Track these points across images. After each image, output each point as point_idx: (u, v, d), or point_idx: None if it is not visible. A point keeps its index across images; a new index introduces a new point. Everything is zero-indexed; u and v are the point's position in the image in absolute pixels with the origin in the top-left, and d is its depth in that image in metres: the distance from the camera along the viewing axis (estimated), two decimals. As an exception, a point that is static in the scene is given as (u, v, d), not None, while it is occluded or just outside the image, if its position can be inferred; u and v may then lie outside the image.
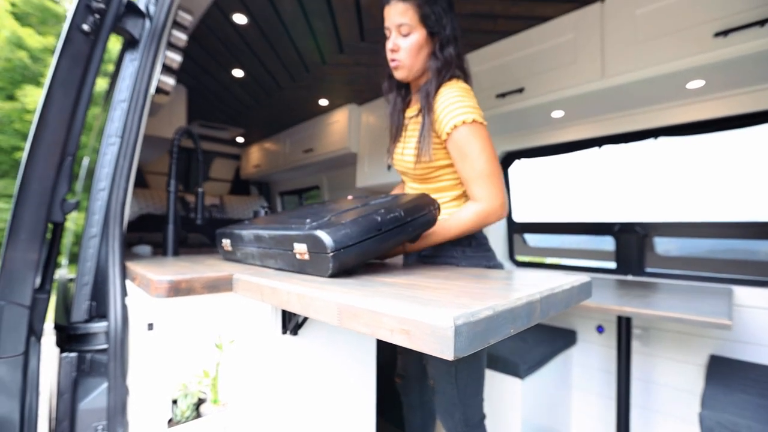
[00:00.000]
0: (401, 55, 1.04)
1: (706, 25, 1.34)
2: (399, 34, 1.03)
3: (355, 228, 0.68)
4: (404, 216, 0.76)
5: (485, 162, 0.95)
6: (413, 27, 1.01)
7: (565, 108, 1.86)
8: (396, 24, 1.02)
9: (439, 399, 1.09)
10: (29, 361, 0.78)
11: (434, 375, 1.08)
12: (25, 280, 0.77)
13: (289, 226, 0.76)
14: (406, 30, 1.02)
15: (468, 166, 0.96)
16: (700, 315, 1.15)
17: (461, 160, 0.97)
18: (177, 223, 1.26)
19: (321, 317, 0.52)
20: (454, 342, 0.36)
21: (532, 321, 0.50)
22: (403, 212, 0.77)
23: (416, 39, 1.02)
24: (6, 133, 9.80)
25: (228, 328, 0.91)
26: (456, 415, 1.07)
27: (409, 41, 1.02)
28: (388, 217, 0.73)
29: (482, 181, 0.95)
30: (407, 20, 1.01)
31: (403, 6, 1.00)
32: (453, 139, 0.96)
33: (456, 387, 1.05)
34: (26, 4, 10.60)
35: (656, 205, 2.04)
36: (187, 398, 0.85)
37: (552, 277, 0.69)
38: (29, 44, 10.03)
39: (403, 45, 1.03)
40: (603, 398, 1.98)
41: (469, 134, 0.95)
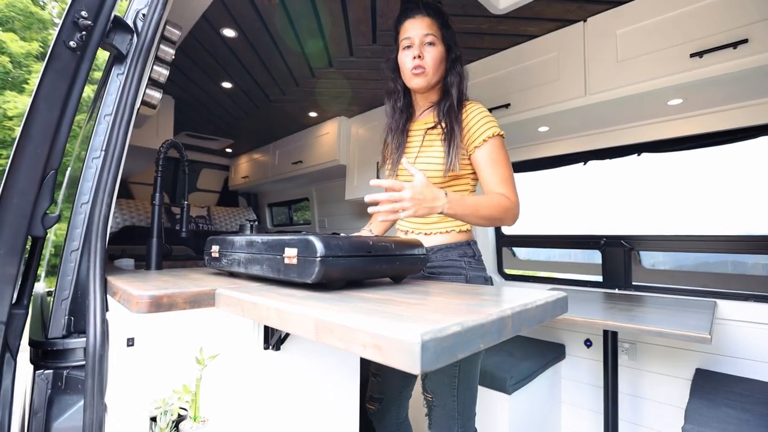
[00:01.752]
0: (427, 61, 1.11)
1: (683, 45, 1.39)
2: (424, 44, 1.11)
3: (346, 243, 0.71)
4: (394, 249, 0.80)
5: (510, 170, 1.10)
6: (437, 40, 1.12)
7: (550, 124, 1.91)
8: (422, 34, 1.11)
9: (439, 413, 1.09)
10: (3, 378, 0.77)
11: (434, 388, 1.09)
12: (2, 294, 0.76)
13: (283, 234, 0.78)
14: (432, 40, 1.11)
15: (498, 172, 1.08)
16: (682, 329, 1.17)
17: (491, 167, 1.08)
18: (161, 236, 1.25)
19: (299, 332, 0.52)
20: (421, 357, 0.37)
21: (503, 336, 0.50)
22: (393, 245, 0.80)
23: (440, 51, 1.13)
24: (-15, 140, 9.66)
25: (209, 344, 0.90)
26: (455, 428, 1.08)
27: (435, 50, 1.12)
28: (379, 245, 0.76)
29: (510, 185, 1.07)
30: (433, 33, 1.11)
31: (429, 20, 1.12)
32: (484, 149, 1.08)
33: (456, 399, 1.07)
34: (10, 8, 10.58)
35: (642, 219, 2.07)
36: (166, 415, 0.83)
37: (529, 292, 0.70)
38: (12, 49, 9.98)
39: (429, 54, 1.11)
40: (592, 413, 1.98)
41: (500, 146, 1.09)
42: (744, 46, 1.26)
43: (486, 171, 1.08)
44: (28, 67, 10.29)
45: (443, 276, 1.13)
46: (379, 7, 1.60)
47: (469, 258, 1.14)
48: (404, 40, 1.13)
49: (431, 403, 1.10)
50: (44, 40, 11.20)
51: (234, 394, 0.87)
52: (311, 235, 0.69)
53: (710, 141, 1.72)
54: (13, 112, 9.32)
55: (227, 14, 1.64)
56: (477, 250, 1.18)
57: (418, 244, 0.88)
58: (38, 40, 10.93)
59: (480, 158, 1.09)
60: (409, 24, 1.13)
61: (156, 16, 1.01)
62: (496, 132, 1.09)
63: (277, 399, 0.88)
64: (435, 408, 1.09)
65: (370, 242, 0.76)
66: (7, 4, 10.55)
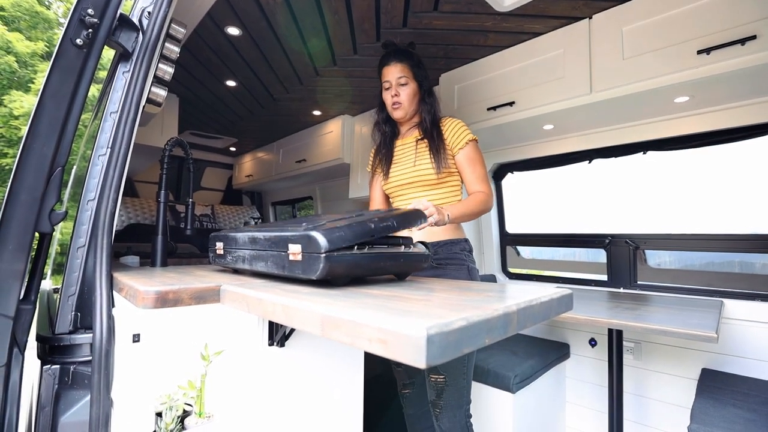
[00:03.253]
0: (402, 98, 1.42)
1: (690, 42, 1.37)
2: (398, 85, 1.42)
3: (348, 232, 0.70)
4: (396, 226, 0.78)
5: (484, 168, 1.40)
6: (409, 79, 1.42)
7: (555, 122, 1.90)
8: (396, 77, 1.41)
9: (451, 393, 1.21)
10: (11, 373, 0.78)
11: (447, 369, 1.21)
12: (10, 290, 0.77)
13: (285, 228, 0.77)
14: (404, 81, 1.42)
15: (476, 170, 1.37)
16: (688, 328, 1.16)
17: (470, 165, 1.37)
18: (166, 233, 1.25)
19: (305, 328, 0.52)
20: (426, 350, 0.37)
21: (508, 332, 0.50)
22: (395, 222, 0.78)
23: (412, 88, 1.43)
24: (-9, 140, 9.75)
25: (214, 340, 0.91)
26: (464, 406, 1.24)
27: (408, 89, 1.43)
28: (381, 225, 0.75)
29: (485, 180, 1.37)
30: (405, 75, 1.41)
31: (401, 65, 1.41)
32: (465, 151, 1.38)
33: (465, 378, 1.24)
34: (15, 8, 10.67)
35: (647, 218, 2.06)
36: (171, 411, 0.84)
37: (534, 289, 0.70)
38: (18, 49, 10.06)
39: (403, 92, 1.42)
40: (596, 412, 1.97)
41: (476, 148, 1.40)
42: (752, 42, 1.25)
43: (467, 170, 1.38)
44: (33, 66, 10.37)
45: (449, 266, 1.33)
46: (383, 5, 1.60)
47: (467, 252, 1.38)
48: (384, 83, 1.45)
49: (443, 383, 1.21)
50: (50, 40, 11.28)
51: (239, 390, 0.87)
52: (313, 231, 0.68)
53: (717, 139, 1.70)
54: (19, 111, 9.40)
55: (232, 12, 1.65)
56: (471, 246, 1.43)
57: (418, 214, 0.89)
58: (44, 40, 11.01)
59: (461, 159, 1.38)
60: (386, 70, 1.43)
61: (161, 14, 1.02)
62: (471, 137, 1.38)
63: (282, 395, 0.88)
64: (447, 388, 1.20)
65: (371, 225, 0.74)
66: (12, 4, 10.63)
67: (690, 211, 1.96)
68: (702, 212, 1.92)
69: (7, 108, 9.52)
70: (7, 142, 9.79)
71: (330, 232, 0.68)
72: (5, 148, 9.77)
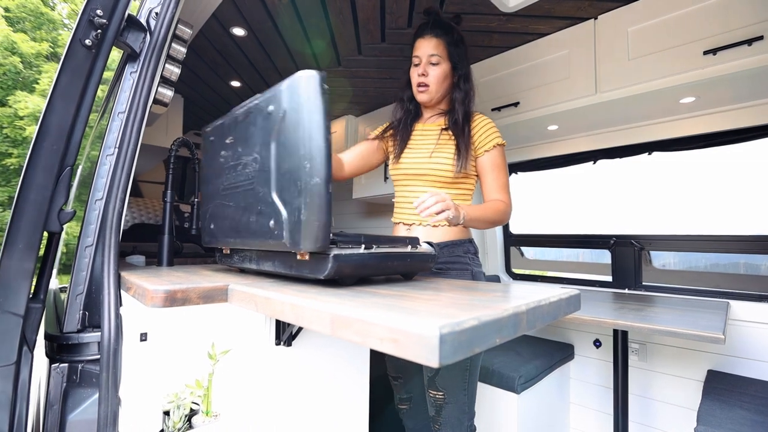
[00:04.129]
0: (430, 79, 1.22)
1: (696, 43, 1.37)
2: (429, 63, 1.22)
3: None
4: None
5: (507, 177, 1.24)
6: (442, 59, 1.22)
7: (560, 122, 1.89)
8: (428, 54, 1.21)
9: (450, 410, 1.12)
10: (21, 371, 0.78)
11: (446, 385, 1.12)
12: (20, 289, 0.77)
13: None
14: (436, 60, 1.21)
15: (499, 177, 1.22)
16: (695, 329, 1.15)
17: (494, 171, 1.22)
18: (172, 233, 1.26)
19: (314, 326, 0.52)
20: (439, 350, 0.37)
21: (518, 331, 0.50)
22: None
23: (443, 70, 1.23)
24: (-4, 139, 9.83)
25: (221, 339, 0.91)
26: (465, 422, 1.14)
27: (439, 70, 1.22)
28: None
29: (507, 190, 1.22)
30: (438, 53, 1.21)
31: (436, 41, 1.21)
32: (490, 155, 1.22)
33: (467, 393, 1.14)
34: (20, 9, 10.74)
35: (652, 219, 2.05)
36: (179, 409, 0.84)
37: (542, 289, 0.69)
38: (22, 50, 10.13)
39: (433, 72, 1.22)
40: (601, 414, 1.96)
41: (502, 154, 1.24)
42: (759, 43, 1.25)
43: (489, 176, 1.22)
44: (38, 67, 10.44)
45: (450, 272, 1.19)
46: (388, 5, 1.61)
47: (472, 255, 1.25)
48: (414, 58, 1.25)
49: (442, 400, 1.12)
50: (54, 41, 11.35)
51: (245, 390, 0.87)
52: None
53: (722, 140, 1.69)
54: (23, 112, 9.47)
55: (237, 13, 1.65)
56: (476, 247, 1.28)
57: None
58: (48, 41, 11.08)
59: (485, 163, 1.22)
60: (419, 43, 1.23)
61: (168, 14, 1.03)
62: (501, 141, 1.23)
63: (289, 395, 0.88)
64: (447, 405, 1.11)
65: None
66: (17, 5, 10.72)
67: (695, 212, 1.95)
68: (707, 213, 1.91)
69: (12, 108, 9.60)
70: (12, 142, 9.86)
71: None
72: (10, 148, 9.84)
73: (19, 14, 10.88)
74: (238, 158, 0.84)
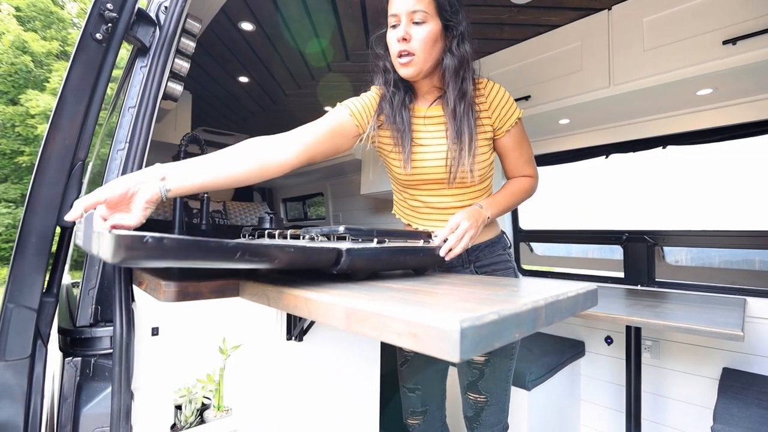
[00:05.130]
0: (414, 44, 0.88)
1: (715, 32, 1.33)
2: (411, 22, 0.87)
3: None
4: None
5: (531, 147, 1.09)
6: (429, 15, 0.87)
7: (572, 116, 1.86)
8: (409, 10, 0.86)
9: (492, 411, 1.06)
10: (35, 364, 0.79)
11: (490, 388, 1.05)
12: (34, 283, 0.78)
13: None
14: (421, 17, 0.87)
15: (524, 151, 1.06)
16: (712, 326, 1.13)
17: (518, 148, 1.04)
18: (183, 228, 1.26)
19: (328, 321, 0.51)
20: (460, 344, 0.36)
21: (537, 326, 0.49)
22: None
23: (432, 29, 0.88)
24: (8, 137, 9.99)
25: (232, 334, 0.91)
26: (503, 421, 1.08)
27: (425, 30, 0.87)
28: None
29: (532, 162, 1.09)
30: (422, 7, 0.86)
31: None
32: (512, 134, 1.02)
33: (507, 393, 1.08)
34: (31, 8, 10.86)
35: (665, 215, 2.01)
36: (191, 404, 0.84)
37: (557, 284, 0.68)
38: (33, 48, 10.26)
39: (417, 34, 0.87)
40: (612, 411, 1.94)
41: (522, 126, 1.05)
42: (781, 31, 1.21)
43: (514, 153, 1.04)
44: (48, 65, 10.57)
45: (496, 274, 1.05)
46: (397, -3, 1.59)
47: (509, 249, 1.11)
48: (390, 17, 0.90)
49: (484, 403, 1.05)
50: (64, 39, 11.46)
51: (257, 384, 0.87)
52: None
53: (741, 132, 1.65)
54: (35, 110, 9.60)
55: (246, 7, 1.65)
56: (509, 239, 1.15)
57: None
58: (58, 39, 11.20)
59: (509, 142, 1.02)
60: None
61: (178, 9, 1.02)
62: (520, 113, 1.02)
63: (300, 390, 0.88)
64: (489, 407, 1.05)
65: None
66: (28, 4, 10.83)
67: (710, 207, 1.91)
68: (722, 208, 1.87)
69: (24, 107, 9.73)
70: (24, 140, 10.00)
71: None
72: (22, 146, 9.99)
73: (29, 13, 11.00)
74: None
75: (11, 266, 0.76)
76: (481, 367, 1.05)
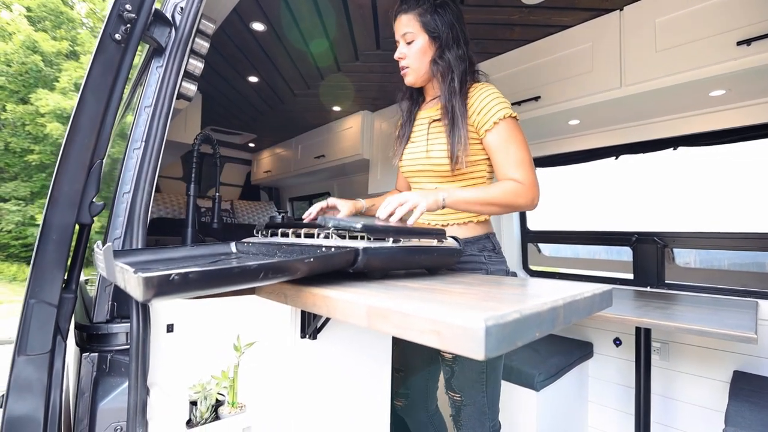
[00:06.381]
0: (408, 60, 1.12)
1: (729, 33, 1.32)
2: (405, 42, 1.11)
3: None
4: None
5: (525, 152, 1.04)
6: (416, 34, 1.09)
7: (581, 117, 1.86)
8: (402, 34, 1.11)
9: (469, 412, 1.08)
10: (54, 359, 0.80)
11: (462, 387, 1.08)
12: (54, 279, 0.79)
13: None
14: (410, 38, 1.10)
15: (511, 152, 1.02)
16: (725, 328, 1.12)
17: (503, 149, 1.03)
18: (196, 226, 1.27)
19: (348, 318, 0.52)
20: (485, 342, 0.36)
21: (556, 326, 0.49)
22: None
23: (419, 45, 1.10)
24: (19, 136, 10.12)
25: (246, 332, 0.92)
26: (486, 424, 1.08)
27: (413, 47, 1.11)
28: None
29: (524, 166, 1.02)
30: (410, 29, 1.09)
31: (406, 17, 1.10)
32: (495, 133, 1.03)
33: (486, 395, 1.07)
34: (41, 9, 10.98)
35: (675, 216, 2.00)
36: (207, 400, 0.85)
37: (571, 285, 0.68)
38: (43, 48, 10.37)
39: (408, 52, 1.11)
40: (620, 413, 1.93)
41: (512, 127, 1.04)
42: (796, 32, 1.20)
43: (499, 155, 1.04)
44: (58, 65, 10.68)
45: (464, 272, 1.09)
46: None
47: (489, 252, 1.12)
48: (395, 42, 1.15)
49: (460, 402, 1.08)
50: (73, 39, 11.57)
51: (270, 382, 0.88)
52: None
53: (754, 134, 1.64)
54: (44, 109, 9.70)
55: (257, 7, 1.66)
56: (496, 243, 1.15)
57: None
58: (68, 39, 11.31)
59: (492, 142, 1.04)
60: (395, 25, 1.14)
61: (193, 9, 1.03)
62: (508, 114, 1.03)
63: (313, 388, 0.89)
64: (465, 407, 1.08)
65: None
66: (39, 5, 10.95)
67: (721, 209, 1.90)
68: (734, 210, 1.86)
69: (34, 106, 9.84)
70: (34, 139, 10.12)
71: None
72: (32, 145, 10.10)
73: (40, 13, 11.12)
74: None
75: (33, 263, 0.77)
76: (450, 365, 1.09)
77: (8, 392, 0.75)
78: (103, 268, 0.66)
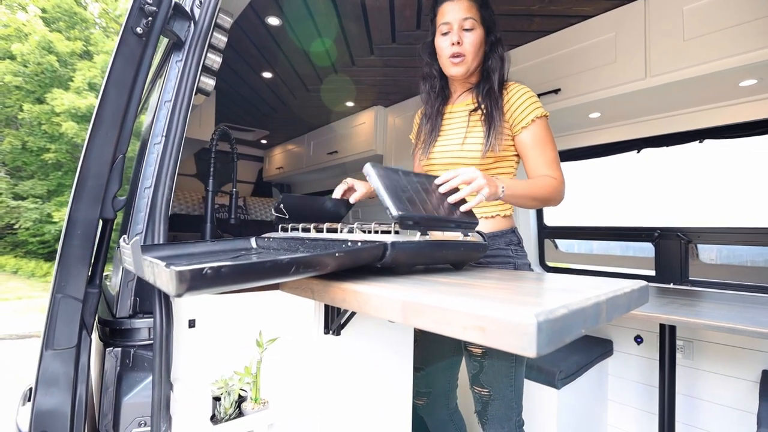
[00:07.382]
0: (466, 47, 1.07)
1: (760, 21, 1.27)
2: (462, 29, 1.07)
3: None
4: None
5: (556, 151, 1.09)
6: (477, 23, 1.08)
7: (603, 109, 1.81)
8: (461, 18, 1.06)
9: (497, 406, 1.07)
10: (80, 354, 0.80)
11: (491, 382, 1.07)
12: (79, 274, 0.79)
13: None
14: (471, 24, 1.07)
15: (545, 152, 1.07)
16: (756, 326, 1.08)
17: (537, 147, 1.07)
18: (214, 222, 1.27)
19: (381, 314, 0.50)
20: (537, 339, 0.34)
21: (599, 322, 0.47)
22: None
23: (479, 35, 1.09)
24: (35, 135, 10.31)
25: (269, 327, 0.91)
26: (513, 418, 1.08)
27: (474, 35, 1.08)
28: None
29: (556, 166, 1.07)
30: (472, 15, 1.07)
31: (468, 3, 1.07)
32: (531, 130, 1.07)
33: (513, 389, 1.07)
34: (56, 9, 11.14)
35: (700, 211, 1.95)
36: (230, 396, 0.85)
37: (605, 281, 0.66)
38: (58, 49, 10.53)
39: (468, 39, 1.07)
40: (642, 412, 1.89)
41: (546, 127, 1.08)
42: (836, 17, 1.14)
43: (533, 152, 1.07)
44: (72, 65, 10.84)
45: (491, 265, 1.10)
46: (425, -11, 1.56)
47: (515, 246, 1.13)
48: (442, 25, 1.09)
49: (488, 397, 1.07)
50: (87, 39, 11.73)
51: (293, 378, 0.87)
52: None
53: (785, 125, 1.58)
54: (60, 109, 9.87)
55: (273, 1, 1.64)
56: (520, 237, 1.17)
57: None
58: (81, 39, 11.47)
59: (526, 139, 1.07)
60: (447, 7, 1.09)
61: (212, 3, 1.02)
62: (542, 113, 1.07)
63: (337, 383, 0.88)
64: (493, 402, 1.06)
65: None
66: (53, 5, 11.12)
67: (748, 203, 1.83)
68: (761, 205, 1.79)
69: (50, 105, 10.02)
70: (50, 138, 10.31)
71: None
72: (48, 144, 10.30)
73: (54, 14, 11.29)
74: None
75: (58, 258, 0.77)
76: (480, 360, 1.07)
77: (36, 386, 0.76)
78: (130, 262, 0.66)
